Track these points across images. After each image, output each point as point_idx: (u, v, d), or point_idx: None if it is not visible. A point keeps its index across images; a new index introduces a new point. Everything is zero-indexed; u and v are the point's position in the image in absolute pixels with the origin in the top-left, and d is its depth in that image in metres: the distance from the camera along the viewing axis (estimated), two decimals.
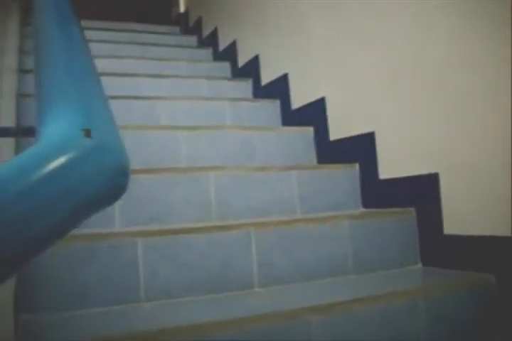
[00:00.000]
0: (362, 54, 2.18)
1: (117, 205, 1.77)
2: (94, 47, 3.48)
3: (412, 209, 1.89)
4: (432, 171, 1.80)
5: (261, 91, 3.15)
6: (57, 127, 0.63)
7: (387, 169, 2.05)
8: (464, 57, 1.66)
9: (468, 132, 1.66)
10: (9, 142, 1.70)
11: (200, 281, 1.57)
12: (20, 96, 2.23)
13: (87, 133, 0.61)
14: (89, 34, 3.88)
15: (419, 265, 1.86)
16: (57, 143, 0.59)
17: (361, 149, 2.18)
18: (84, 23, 4.10)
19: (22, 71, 2.54)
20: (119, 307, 1.47)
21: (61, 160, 0.57)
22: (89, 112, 0.69)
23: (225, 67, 3.69)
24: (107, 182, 0.61)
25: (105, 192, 0.62)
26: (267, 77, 3.10)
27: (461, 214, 1.70)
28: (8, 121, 1.86)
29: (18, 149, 1.76)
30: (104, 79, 2.81)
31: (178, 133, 2.30)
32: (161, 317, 1.36)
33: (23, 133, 1.51)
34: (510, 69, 1.47)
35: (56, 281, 1.42)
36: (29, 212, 0.55)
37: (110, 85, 2.80)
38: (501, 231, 1.56)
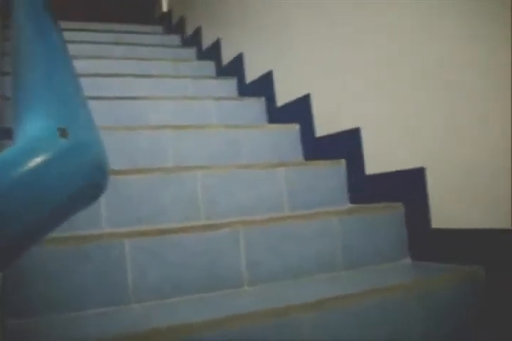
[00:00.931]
0: (349, 51, 2.18)
1: (104, 206, 1.76)
2: (78, 48, 3.47)
3: (400, 204, 1.89)
4: (419, 166, 1.81)
5: (246, 90, 3.15)
6: (33, 128, 0.62)
7: (374, 165, 2.05)
8: (460, 56, 1.67)
9: (459, 126, 1.67)
10: None
11: (189, 281, 1.57)
12: (0, 98, 2.21)
13: (63, 133, 0.60)
14: (72, 35, 3.88)
15: (409, 259, 1.87)
16: (32, 144, 0.59)
17: (347, 145, 2.18)
18: (66, 24, 4.08)
19: (1, 73, 2.52)
20: (108, 308, 1.46)
21: (36, 160, 0.56)
22: (65, 112, 0.68)
23: (210, 65, 3.68)
24: (84, 182, 0.60)
25: (83, 192, 0.61)
26: (251, 75, 3.10)
27: (450, 209, 1.71)
28: None
29: None
30: (87, 80, 2.81)
31: (164, 132, 2.29)
32: (150, 318, 1.36)
33: (1, 135, 1.49)
34: (510, 69, 1.48)
35: (43, 284, 1.41)
36: (5, 213, 0.54)
37: (94, 86, 2.80)
38: (490, 224, 1.57)
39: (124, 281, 1.49)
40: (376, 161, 2.04)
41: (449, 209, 1.71)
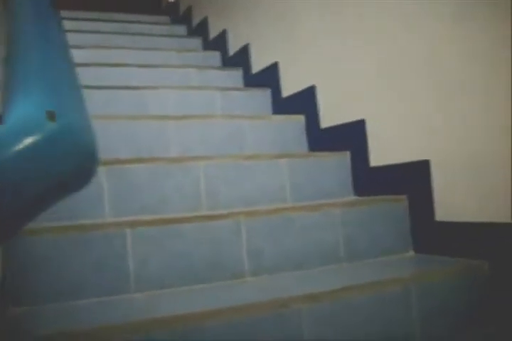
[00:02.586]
0: (353, 43, 2.16)
1: (107, 195, 1.76)
2: (83, 38, 3.47)
3: (404, 197, 1.88)
4: (424, 158, 1.80)
5: (252, 80, 3.13)
6: (22, 110, 0.61)
7: (379, 157, 2.04)
8: (463, 48, 1.65)
9: (461, 120, 1.65)
10: None
11: (191, 271, 1.56)
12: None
13: (51, 115, 0.59)
14: (78, 24, 3.87)
15: (412, 252, 1.86)
16: (19, 126, 0.58)
17: (352, 137, 2.17)
18: (72, 13, 4.07)
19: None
20: (109, 298, 1.46)
21: (23, 142, 0.55)
22: (55, 95, 0.67)
23: (215, 56, 3.66)
24: (71, 165, 0.59)
25: (71, 176, 0.60)
26: (257, 65, 3.08)
27: (454, 202, 1.70)
28: None
29: None
30: (91, 70, 2.79)
31: (168, 122, 2.28)
32: (151, 308, 1.36)
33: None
34: (510, 61, 1.47)
35: (44, 273, 1.41)
36: None
37: (99, 75, 2.79)
38: (493, 217, 1.55)
39: (125, 271, 1.49)
40: (380, 154, 2.03)
41: (452, 202, 1.70)
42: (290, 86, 2.70)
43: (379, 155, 2.04)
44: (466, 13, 1.61)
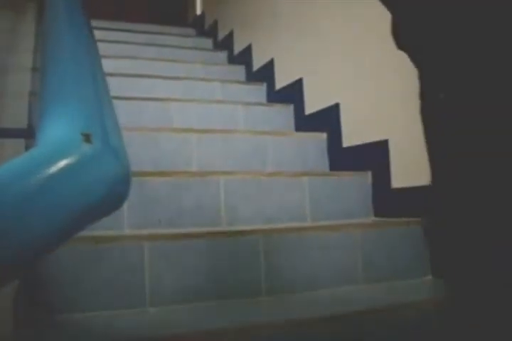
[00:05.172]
0: (380, 60, 2.15)
1: (126, 207, 1.76)
2: (110, 48, 3.49)
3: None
4: None
5: (275, 96, 3.13)
6: (56, 131, 0.61)
7: (401, 178, 2.02)
8: None
9: None
10: (19, 143, 1.69)
11: (206, 287, 1.55)
12: (34, 95, 2.22)
13: (87, 138, 0.58)
14: (105, 34, 3.90)
15: (430, 276, 1.83)
16: (54, 148, 0.57)
17: (374, 157, 2.15)
18: (100, 23, 4.10)
19: (36, 70, 2.53)
20: (123, 311, 1.45)
21: (58, 166, 0.54)
22: (90, 116, 0.66)
23: (240, 70, 3.67)
24: (106, 190, 0.58)
25: (104, 200, 0.59)
26: (281, 81, 3.08)
27: None
28: (20, 122, 1.85)
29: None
30: (116, 80, 2.81)
31: (191, 136, 2.29)
32: (165, 323, 1.35)
33: (33, 134, 1.49)
34: None
35: (59, 283, 1.40)
36: (21, 219, 0.53)
37: (124, 86, 2.81)
38: None
39: (141, 284, 1.48)
40: (402, 174, 2.01)
41: None
42: (314, 103, 2.69)
43: (402, 175, 2.02)
44: None
